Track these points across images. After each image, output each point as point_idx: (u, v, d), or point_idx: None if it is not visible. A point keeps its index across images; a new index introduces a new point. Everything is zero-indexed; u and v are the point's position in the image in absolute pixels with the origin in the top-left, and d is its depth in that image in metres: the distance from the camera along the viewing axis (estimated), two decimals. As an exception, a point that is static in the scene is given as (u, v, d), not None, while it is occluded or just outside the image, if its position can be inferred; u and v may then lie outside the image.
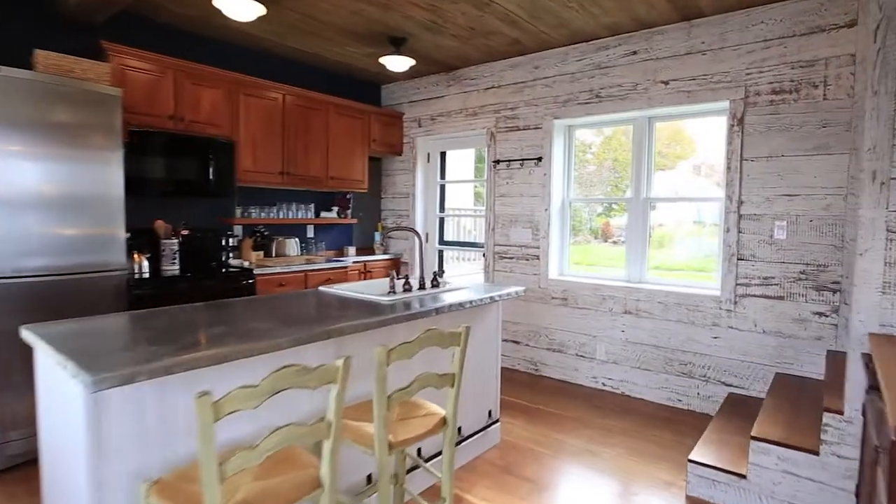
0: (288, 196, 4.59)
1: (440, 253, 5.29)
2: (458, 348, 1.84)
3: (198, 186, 3.66)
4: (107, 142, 2.96)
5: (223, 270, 3.65)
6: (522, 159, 4.29)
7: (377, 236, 5.33)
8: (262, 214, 4.31)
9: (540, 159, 4.19)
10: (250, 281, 3.68)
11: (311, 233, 4.87)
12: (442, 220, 5.28)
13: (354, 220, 5.05)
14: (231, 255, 4.09)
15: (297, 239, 4.54)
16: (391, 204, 5.44)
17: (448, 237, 5.39)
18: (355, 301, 2.42)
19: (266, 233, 4.26)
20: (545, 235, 4.19)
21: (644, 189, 3.85)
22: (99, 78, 3.04)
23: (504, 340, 4.48)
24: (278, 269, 3.88)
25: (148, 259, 3.53)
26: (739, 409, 3.09)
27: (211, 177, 3.69)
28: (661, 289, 3.67)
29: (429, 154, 5.21)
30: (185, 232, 3.71)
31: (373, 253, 5.20)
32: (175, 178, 3.54)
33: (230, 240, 4.10)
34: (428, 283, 2.79)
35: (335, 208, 4.91)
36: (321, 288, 2.70)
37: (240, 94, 3.88)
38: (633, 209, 3.90)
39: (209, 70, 3.69)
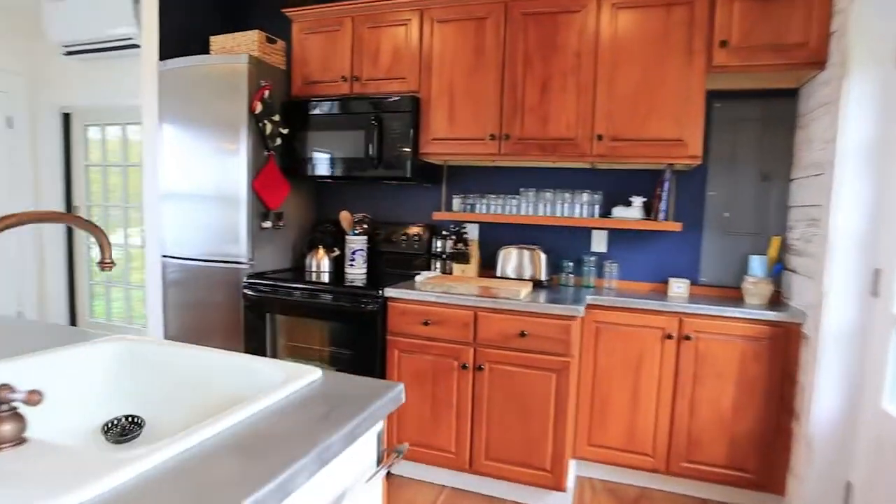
0: (546, 178, 2.73)
1: (931, 335, 1.74)
2: None
3: (377, 166, 2.70)
4: (231, 121, 2.60)
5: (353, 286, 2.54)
6: None
7: (756, 264, 2.37)
8: (495, 209, 2.74)
9: None
10: (373, 307, 2.39)
11: (600, 244, 2.73)
12: (952, 238, 1.70)
13: (676, 226, 2.40)
14: (439, 262, 2.87)
15: (540, 252, 2.64)
16: (806, 193, 2.27)
17: None
18: None
19: (466, 234, 2.68)
20: None
21: None
22: (248, 49, 2.70)
23: None
24: (427, 297, 2.33)
25: (335, 258, 2.97)
26: None
27: (379, 151, 2.63)
28: None
29: (908, 41, 1.76)
30: (364, 227, 2.87)
31: (738, 298, 2.37)
32: (350, 156, 2.74)
33: (439, 242, 2.87)
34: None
35: (637, 200, 2.52)
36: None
37: (432, 21, 2.55)
38: None
39: (388, 3, 2.60)
